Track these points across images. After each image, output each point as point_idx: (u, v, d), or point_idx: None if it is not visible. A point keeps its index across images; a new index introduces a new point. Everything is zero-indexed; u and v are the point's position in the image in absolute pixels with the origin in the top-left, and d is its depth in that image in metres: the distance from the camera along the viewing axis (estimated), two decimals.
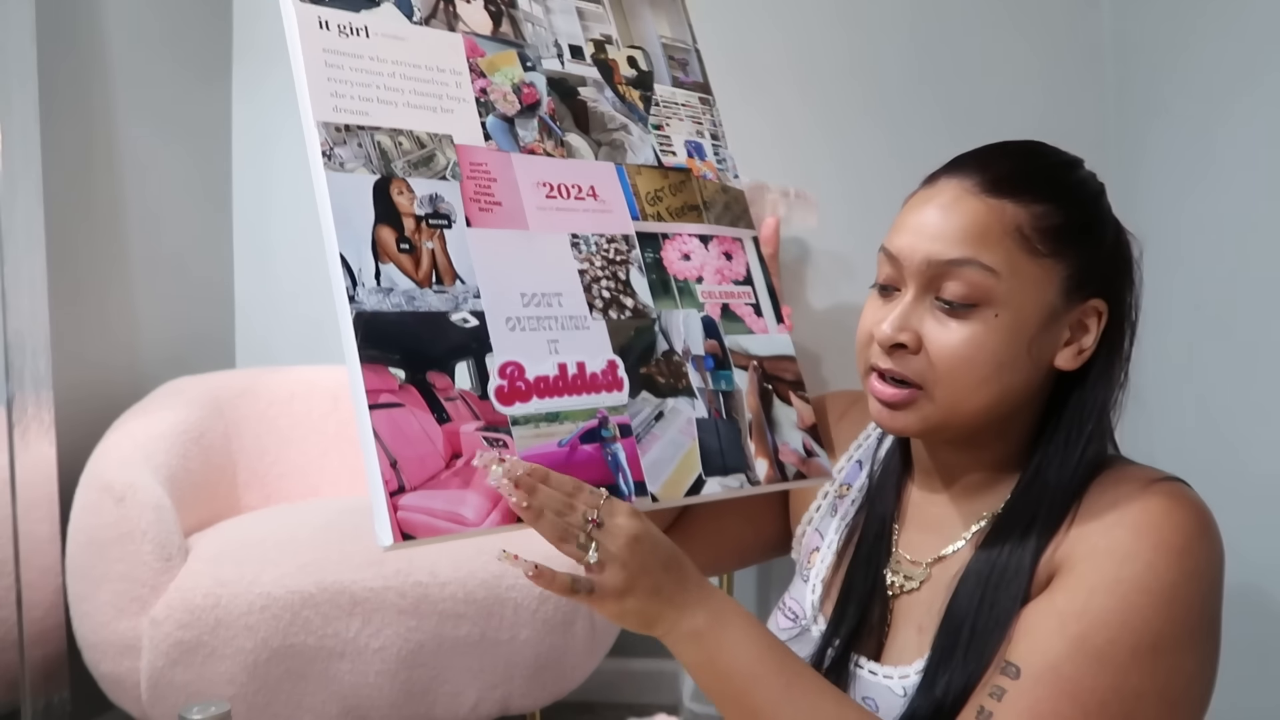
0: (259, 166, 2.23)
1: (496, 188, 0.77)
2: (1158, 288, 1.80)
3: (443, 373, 0.69)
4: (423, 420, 0.67)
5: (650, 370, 0.79)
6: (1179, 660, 0.66)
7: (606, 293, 0.79)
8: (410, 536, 0.64)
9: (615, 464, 0.73)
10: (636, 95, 0.90)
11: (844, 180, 2.06)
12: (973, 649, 0.70)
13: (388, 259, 0.70)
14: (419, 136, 0.75)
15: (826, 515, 0.90)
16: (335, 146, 0.71)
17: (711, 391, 0.82)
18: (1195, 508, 0.69)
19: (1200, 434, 1.58)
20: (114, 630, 1.39)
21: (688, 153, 0.92)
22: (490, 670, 1.48)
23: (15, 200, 1.52)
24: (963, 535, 0.78)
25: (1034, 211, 0.73)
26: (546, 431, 0.71)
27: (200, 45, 2.15)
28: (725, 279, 0.88)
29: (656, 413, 0.78)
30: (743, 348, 0.86)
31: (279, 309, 2.22)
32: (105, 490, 1.43)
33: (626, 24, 0.94)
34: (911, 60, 2.07)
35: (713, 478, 0.78)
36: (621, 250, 0.82)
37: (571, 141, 0.84)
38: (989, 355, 0.72)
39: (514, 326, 0.73)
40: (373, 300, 0.68)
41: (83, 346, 1.77)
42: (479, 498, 0.67)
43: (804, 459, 0.85)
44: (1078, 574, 0.68)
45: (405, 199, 0.72)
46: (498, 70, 0.82)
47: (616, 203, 0.84)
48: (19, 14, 1.53)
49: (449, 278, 0.72)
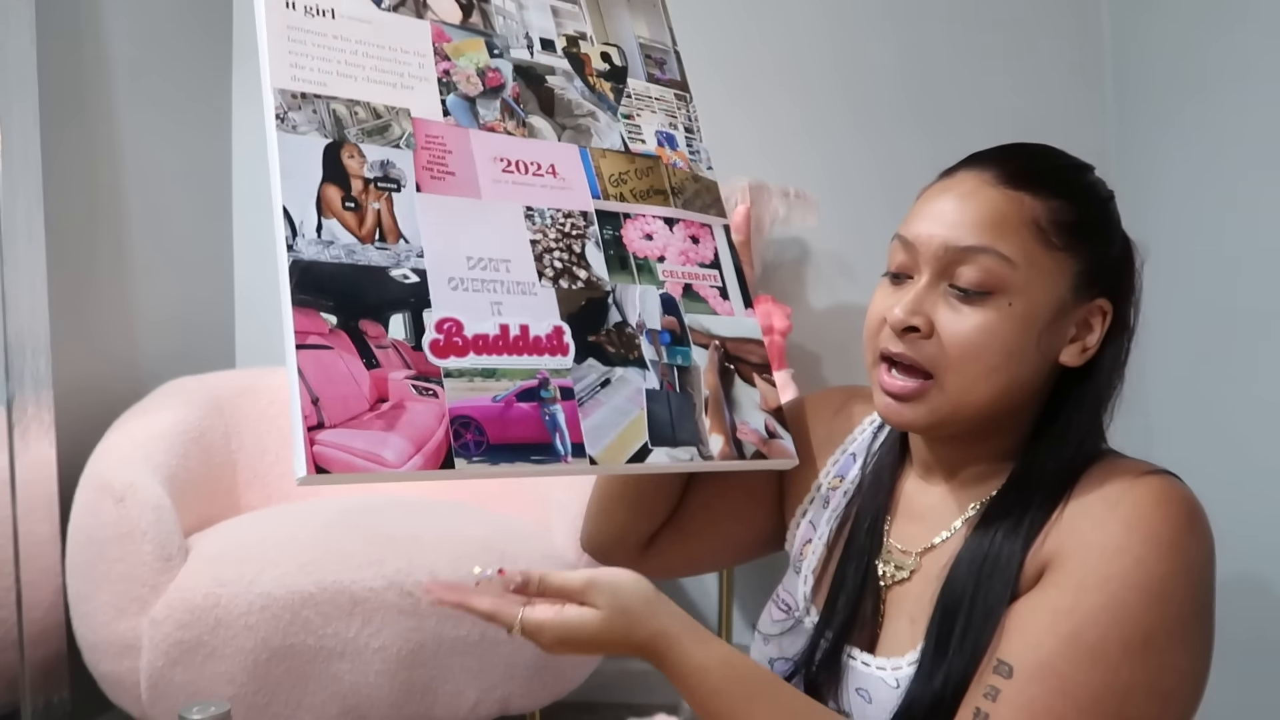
0: (259, 166, 2.21)
1: (451, 159, 0.79)
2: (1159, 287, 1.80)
3: (376, 322, 0.71)
4: (350, 363, 0.69)
5: (599, 339, 0.79)
6: (1171, 655, 0.66)
7: (559, 263, 0.81)
8: (324, 470, 0.65)
9: (553, 424, 0.74)
10: (608, 87, 0.91)
11: (841, 182, 2.06)
12: (967, 637, 0.70)
13: (331, 215, 0.73)
14: (375, 108, 0.78)
15: (819, 508, 0.91)
16: (290, 111, 0.74)
17: (666, 365, 0.82)
18: (1185, 501, 0.69)
19: (1202, 434, 1.58)
20: (114, 630, 1.39)
21: (658, 142, 0.92)
22: (490, 670, 1.48)
23: (15, 200, 1.52)
24: (952, 525, 0.79)
25: (1051, 206, 0.74)
26: (481, 386, 0.72)
27: (200, 45, 2.15)
28: (690, 261, 0.89)
29: (603, 379, 0.78)
30: (704, 327, 0.87)
31: (279, 309, 2.22)
32: (105, 490, 1.43)
33: (603, 23, 0.94)
34: (907, 62, 2.07)
35: (660, 448, 0.78)
36: (578, 225, 0.83)
37: (534, 123, 0.85)
38: (1001, 343, 0.72)
39: (456, 286, 0.75)
40: (311, 250, 0.71)
41: (83, 346, 1.77)
42: (402, 441, 0.68)
43: (765, 439, 0.85)
44: (1068, 570, 0.68)
45: (355, 162, 0.75)
46: (463, 55, 0.84)
47: (577, 181, 0.85)
48: (19, 14, 1.53)
49: (393, 236, 0.74)
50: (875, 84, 2.08)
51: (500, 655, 1.47)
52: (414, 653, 1.43)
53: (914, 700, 0.71)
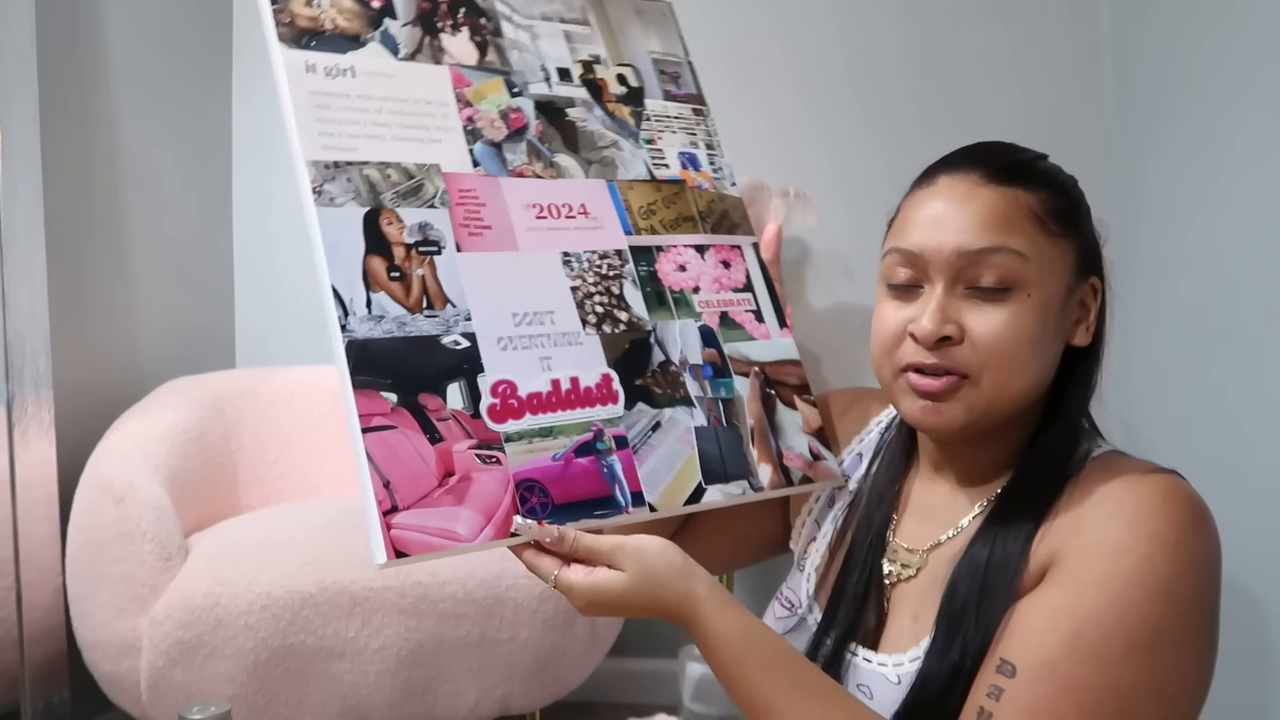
0: (259, 166, 2.23)
1: (485, 212, 0.79)
2: (1160, 287, 1.80)
3: (434, 394, 0.71)
4: (415, 441, 0.69)
5: (646, 381, 0.80)
6: (1175, 655, 0.65)
7: (600, 308, 0.81)
8: (404, 554, 0.66)
9: (611, 476, 0.75)
10: (627, 112, 0.91)
11: (841, 181, 2.06)
12: (973, 634, 0.70)
13: (379, 287, 0.72)
14: (407, 168, 0.77)
15: (825, 507, 0.91)
16: (325, 183, 0.73)
17: (711, 400, 0.82)
18: (1190, 501, 0.69)
19: (1203, 433, 1.58)
20: (114, 630, 1.39)
21: (681, 164, 0.92)
22: (490, 670, 1.48)
23: (15, 200, 1.52)
24: (959, 523, 0.79)
25: (1041, 196, 0.76)
26: (540, 446, 0.73)
27: (200, 46, 2.15)
28: (724, 287, 0.89)
29: (653, 423, 0.79)
30: (743, 354, 0.87)
31: (279, 309, 2.22)
32: (105, 490, 1.43)
33: (615, 42, 0.94)
34: (909, 61, 2.07)
35: (713, 485, 0.79)
36: (614, 265, 0.83)
37: (560, 162, 0.85)
38: (1029, 336, 0.73)
39: (505, 346, 0.75)
40: (364, 328, 0.70)
41: (83, 346, 1.77)
42: (472, 514, 0.69)
43: (810, 463, 0.85)
44: (1071, 568, 0.68)
45: (395, 229, 0.74)
46: (484, 98, 0.83)
47: (608, 218, 0.85)
48: (19, 14, 1.53)
49: (439, 302, 0.74)
50: (878, 84, 2.08)
51: (500, 655, 1.48)
52: (414, 653, 1.43)
53: (914, 700, 0.72)
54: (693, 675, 1.90)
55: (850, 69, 2.09)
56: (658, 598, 0.70)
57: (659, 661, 2.11)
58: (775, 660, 0.70)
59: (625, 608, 0.70)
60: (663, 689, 2.11)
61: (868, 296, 2.05)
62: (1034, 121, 1.93)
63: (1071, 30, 2.03)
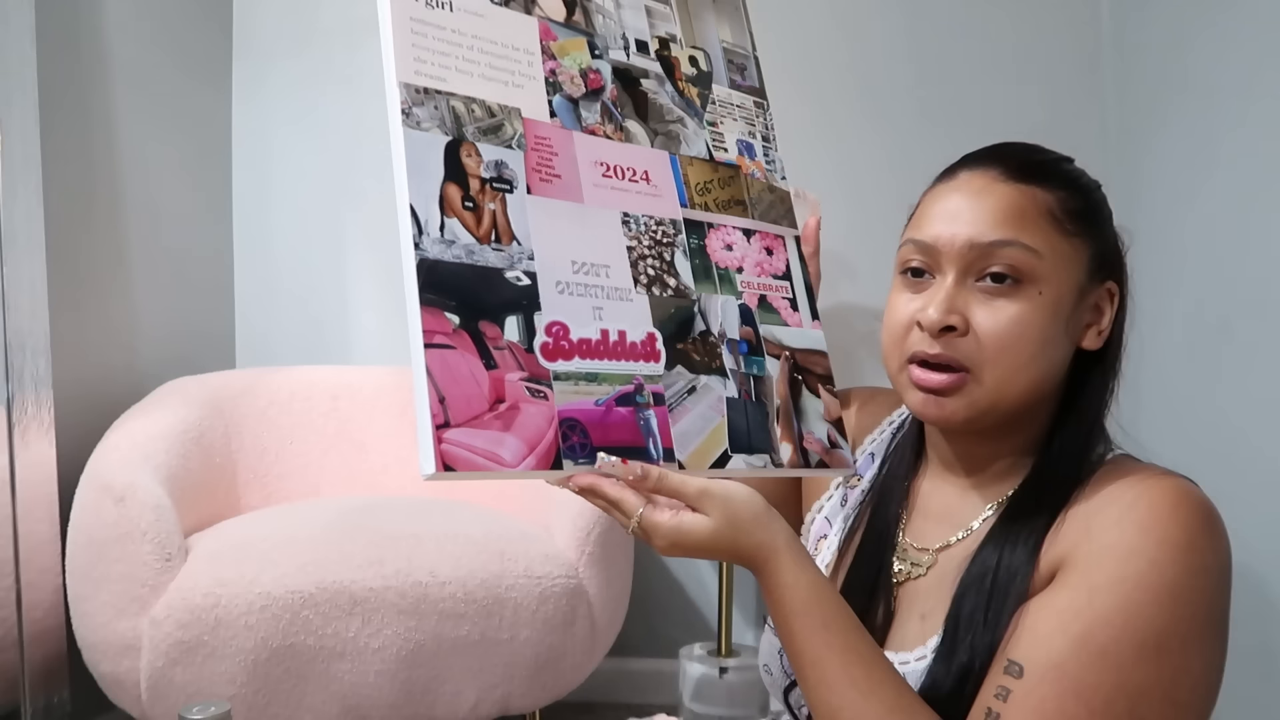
0: (259, 166, 2.23)
1: (557, 161, 0.82)
2: (1160, 286, 1.80)
3: (494, 323, 0.74)
4: (472, 364, 0.71)
5: (686, 347, 0.83)
6: (1184, 658, 0.65)
7: (651, 270, 0.83)
8: (451, 468, 0.67)
9: (647, 429, 0.77)
10: (695, 92, 0.95)
11: (841, 181, 2.06)
12: (981, 636, 0.70)
13: (452, 214, 0.74)
14: (490, 106, 0.80)
15: (836, 504, 0.92)
16: (414, 106, 0.76)
17: (743, 374, 0.85)
18: (1201, 505, 0.69)
19: (1203, 431, 1.58)
20: (114, 630, 1.39)
21: (739, 151, 0.96)
22: (490, 670, 1.48)
23: (15, 200, 1.52)
24: (970, 525, 0.79)
25: (1059, 195, 0.76)
26: (585, 390, 0.75)
27: (200, 45, 2.15)
28: (765, 272, 0.92)
29: (689, 386, 0.81)
30: (776, 338, 0.90)
31: (279, 309, 2.22)
32: (105, 490, 1.43)
33: (690, 25, 0.98)
34: (910, 62, 2.07)
35: (738, 454, 0.81)
36: (669, 233, 0.86)
37: (630, 128, 0.88)
38: (1036, 333, 0.74)
39: (563, 290, 0.77)
40: (436, 250, 0.73)
41: (83, 346, 1.77)
42: (518, 442, 0.71)
43: (827, 449, 0.88)
44: (1081, 570, 0.68)
45: (473, 161, 0.77)
46: (567, 54, 0.87)
47: (667, 189, 0.88)
48: (19, 14, 1.53)
49: (507, 238, 0.76)
50: (879, 84, 2.08)
51: (500, 655, 1.48)
52: (414, 653, 1.43)
53: (935, 680, 0.72)
54: (693, 675, 1.90)
55: (850, 69, 2.09)
56: (740, 544, 0.71)
57: (659, 661, 2.11)
58: (835, 620, 0.71)
59: (706, 551, 0.71)
60: (663, 689, 2.11)
61: (869, 296, 2.05)
62: (1033, 120, 1.93)
63: (1071, 29, 2.03)
